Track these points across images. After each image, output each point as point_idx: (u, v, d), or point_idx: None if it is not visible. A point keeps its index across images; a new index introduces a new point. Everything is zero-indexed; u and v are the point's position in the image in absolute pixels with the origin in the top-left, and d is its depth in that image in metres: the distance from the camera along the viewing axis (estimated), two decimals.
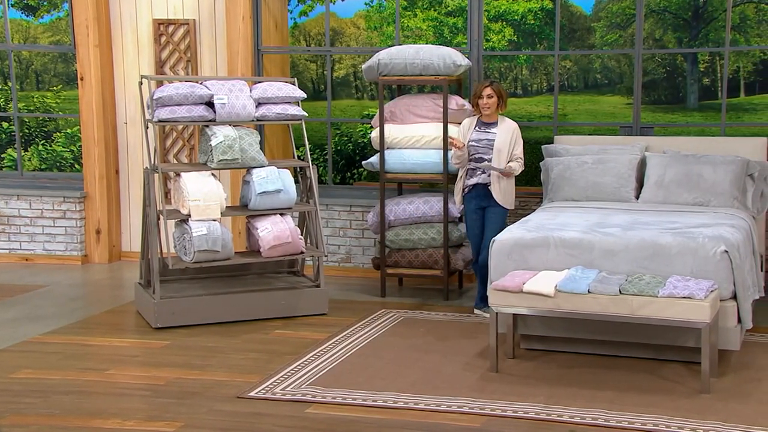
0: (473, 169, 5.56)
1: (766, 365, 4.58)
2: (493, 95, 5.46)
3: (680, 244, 4.53)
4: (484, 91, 5.48)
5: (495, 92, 5.47)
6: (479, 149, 5.51)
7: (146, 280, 5.73)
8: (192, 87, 5.51)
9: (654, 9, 7.03)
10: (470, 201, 5.58)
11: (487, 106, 5.47)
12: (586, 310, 4.32)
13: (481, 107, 5.50)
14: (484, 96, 5.47)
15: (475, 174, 5.55)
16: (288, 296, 5.67)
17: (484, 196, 5.53)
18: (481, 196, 5.54)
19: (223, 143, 5.45)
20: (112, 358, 4.87)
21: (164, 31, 7.12)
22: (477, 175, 5.54)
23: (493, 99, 5.46)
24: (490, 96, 5.46)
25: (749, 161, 5.58)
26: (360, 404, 4.09)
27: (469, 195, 5.59)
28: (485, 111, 5.50)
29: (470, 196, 5.58)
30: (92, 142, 7.24)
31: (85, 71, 7.17)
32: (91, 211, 7.33)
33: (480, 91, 5.50)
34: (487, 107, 5.48)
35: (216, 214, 5.41)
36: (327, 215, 6.86)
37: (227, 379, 4.47)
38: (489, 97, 5.46)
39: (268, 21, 7.05)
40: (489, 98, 5.46)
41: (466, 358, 4.74)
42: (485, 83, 5.53)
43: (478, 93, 5.51)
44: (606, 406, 4.02)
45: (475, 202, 5.57)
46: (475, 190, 5.55)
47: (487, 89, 5.47)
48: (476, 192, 5.55)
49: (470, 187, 5.57)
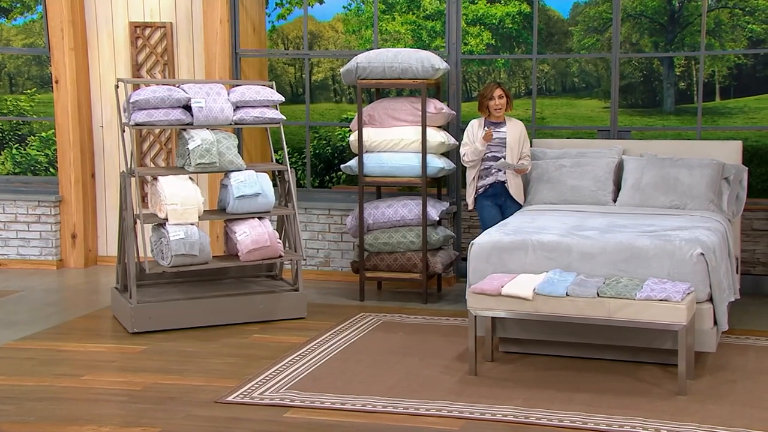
0: (488, 169, 5.73)
1: (741, 367, 4.64)
2: (504, 96, 5.70)
3: (657, 246, 4.58)
4: (495, 92, 5.69)
5: (504, 93, 5.71)
6: (492, 148, 5.72)
7: (123, 284, 5.70)
8: (169, 90, 5.49)
9: (630, 13, 7.10)
10: (486, 199, 5.77)
11: (499, 107, 5.70)
12: (564, 313, 4.36)
13: (492, 108, 5.71)
14: (495, 97, 5.69)
15: (490, 173, 5.74)
16: (266, 300, 5.67)
17: (501, 193, 5.75)
18: (498, 194, 5.75)
19: (200, 147, 5.44)
20: (87, 363, 4.84)
21: (141, 34, 7.09)
22: (493, 174, 5.72)
23: (504, 99, 5.71)
24: (501, 96, 5.70)
25: (724, 164, 5.65)
26: (338, 408, 4.09)
27: (485, 194, 5.77)
28: (497, 112, 5.72)
29: (486, 194, 5.77)
30: (68, 145, 7.19)
31: (60, 74, 7.13)
32: (66, 215, 7.28)
33: (491, 93, 5.71)
34: (499, 108, 5.70)
35: (193, 217, 5.39)
36: (305, 219, 6.86)
37: (205, 384, 4.46)
38: (500, 98, 5.70)
39: (246, 24, 7.04)
40: (500, 99, 5.70)
41: (444, 361, 4.76)
42: (493, 85, 5.75)
43: (487, 95, 5.71)
44: (583, 408, 4.06)
45: (492, 200, 5.77)
46: (492, 189, 5.75)
47: (498, 90, 5.70)
48: (493, 190, 5.75)
49: (487, 186, 5.75)
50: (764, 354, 4.85)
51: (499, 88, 5.73)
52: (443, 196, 6.58)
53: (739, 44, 6.80)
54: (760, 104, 7.11)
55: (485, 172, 5.77)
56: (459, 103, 6.67)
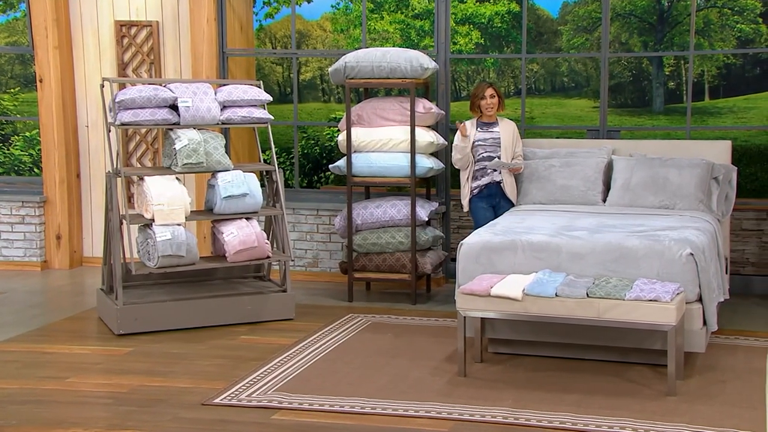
0: (482, 169, 5.75)
1: (731, 367, 4.67)
2: (495, 95, 5.72)
3: (646, 247, 4.61)
4: (487, 92, 5.72)
5: (496, 92, 5.73)
6: (487, 148, 5.73)
7: (108, 285, 5.68)
8: (155, 90, 5.48)
9: (620, 13, 7.13)
10: (480, 200, 5.78)
11: (491, 106, 5.73)
12: (554, 314, 4.38)
13: (484, 108, 5.73)
14: (487, 96, 5.71)
15: (485, 173, 5.74)
16: (254, 301, 5.66)
17: (496, 194, 5.77)
18: (493, 195, 5.77)
19: (187, 147, 5.43)
20: (72, 366, 4.81)
21: (126, 32, 7.07)
22: (488, 174, 5.73)
23: (495, 99, 5.73)
24: (493, 96, 5.73)
25: (714, 164, 5.69)
26: (327, 410, 4.09)
27: (480, 195, 5.78)
28: (488, 111, 5.74)
29: (480, 195, 5.78)
30: (52, 145, 7.16)
31: (44, 73, 7.09)
32: (51, 216, 7.25)
33: (482, 92, 5.73)
34: (491, 107, 5.73)
35: (180, 218, 5.38)
36: (294, 219, 6.85)
37: (192, 386, 4.45)
38: (492, 97, 5.72)
39: (233, 23, 7.03)
40: (492, 98, 5.72)
41: (433, 362, 4.77)
42: (485, 85, 5.77)
43: (479, 94, 5.73)
44: (573, 409, 4.07)
45: (487, 201, 5.78)
46: (487, 189, 5.77)
47: (489, 90, 5.73)
48: (488, 191, 5.76)
49: (482, 186, 5.76)
50: (753, 354, 4.88)
51: (490, 87, 5.75)
52: (432, 196, 6.59)
53: (728, 44, 6.84)
54: (749, 104, 7.15)
55: (480, 173, 5.78)
56: (448, 103, 6.68)
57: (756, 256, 6.35)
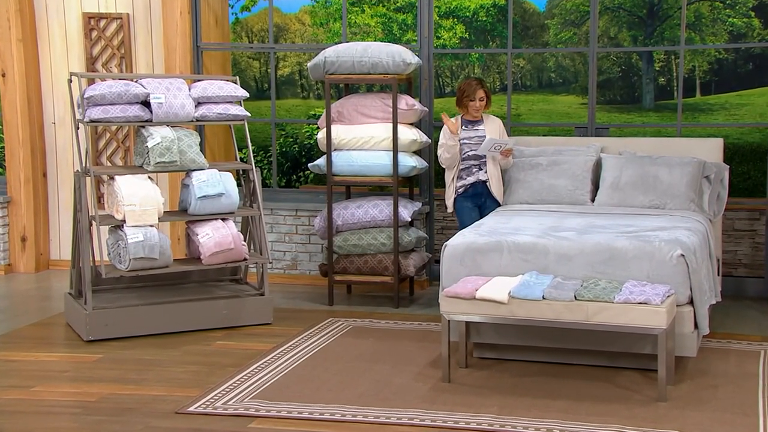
0: (467, 168, 5.80)
1: (723, 372, 4.72)
2: (485, 98, 5.81)
3: (636, 248, 4.64)
4: (477, 94, 5.78)
5: (486, 94, 5.82)
6: (472, 146, 5.78)
7: (77, 289, 5.66)
8: (126, 85, 5.46)
9: (609, 6, 7.19)
10: (466, 200, 5.83)
11: (479, 108, 5.82)
12: (541, 317, 4.40)
13: (472, 109, 5.80)
14: (476, 99, 5.78)
15: (471, 173, 5.79)
16: (230, 305, 5.65)
17: (481, 193, 5.81)
18: (478, 194, 5.82)
19: (160, 145, 5.42)
20: (38, 374, 4.79)
21: (95, 25, 7.04)
22: (474, 173, 5.77)
23: (484, 101, 5.82)
24: (483, 99, 5.80)
25: (705, 163, 5.74)
26: (306, 418, 4.10)
27: (465, 194, 5.82)
28: (476, 113, 5.83)
29: (466, 195, 5.83)
30: (17, 143, 7.12)
31: (7, 67, 7.05)
32: (15, 217, 7.20)
33: (473, 94, 5.78)
34: (479, 109, 5.82)
35: (153, 219, 5.37)
36: (272, 220, 6.85)
37: (165, 394, 4.44)
38: (481, 100, 5.80)
39: (208, 16, 7.02)
40: (481, 101, 5.80)
41: (417, 368, 4.79)
42: (476, 84, 5.81)
43: (470, 95, 5.78)
44: (560, 415, 4.10)
45: (472, 200, 5.83)
46: (472, 188, 5.81)
47: (480, 92, 5.80)
48: (474, 190, 5.81)
49: (467, 186, 5.80)
50: (746, 358, 4.93)
51: (481, 89, 5.79)
52: (416, 196, 6.61)
53: (720, 38, 6.91)
54: (742, 100, 7.23)
55: (465, 172, 5.82)
56: (432, 99, 6.71)
57: (748, 258, 6.42)
